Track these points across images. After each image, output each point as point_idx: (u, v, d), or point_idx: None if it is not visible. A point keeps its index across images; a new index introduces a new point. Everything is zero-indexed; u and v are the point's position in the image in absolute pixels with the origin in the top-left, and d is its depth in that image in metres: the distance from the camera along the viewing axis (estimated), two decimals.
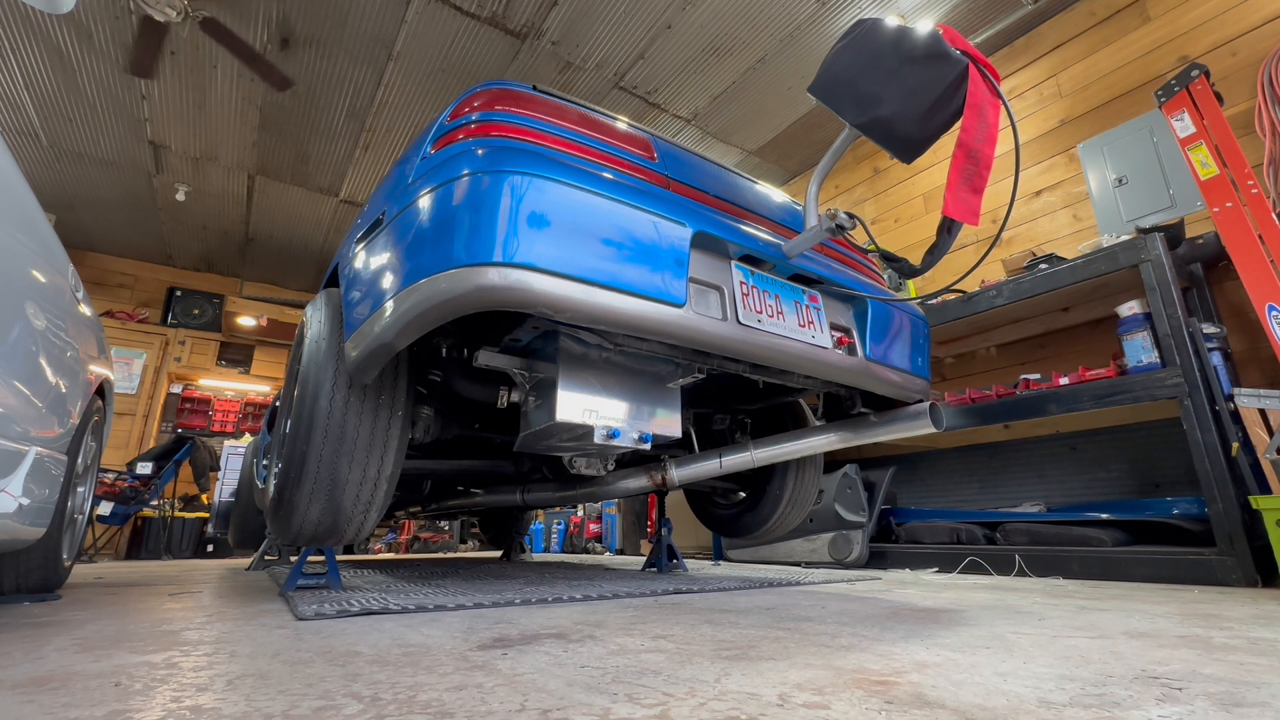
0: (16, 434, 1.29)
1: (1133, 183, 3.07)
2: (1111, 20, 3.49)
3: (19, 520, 1.37)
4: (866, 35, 1.30)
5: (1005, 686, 0.77)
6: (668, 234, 1.27)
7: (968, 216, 1.23)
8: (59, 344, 1.52)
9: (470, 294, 1.09)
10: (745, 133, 4.98)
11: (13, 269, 1.25)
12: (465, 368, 1.72)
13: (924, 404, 1.76)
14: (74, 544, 2.13)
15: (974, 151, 1.21)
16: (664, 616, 1.40)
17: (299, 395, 1.58)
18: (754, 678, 0.81)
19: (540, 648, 1.02)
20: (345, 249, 1.69)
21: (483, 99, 1.38)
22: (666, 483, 2.01)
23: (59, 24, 3.74)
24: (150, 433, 6.57)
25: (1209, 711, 0.66)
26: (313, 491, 1.51)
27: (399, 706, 0.68)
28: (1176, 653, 0.97)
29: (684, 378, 1.65)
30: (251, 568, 3.33)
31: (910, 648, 1.02)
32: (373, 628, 1.24)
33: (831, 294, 1.67)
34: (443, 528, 7.13)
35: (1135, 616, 1.38)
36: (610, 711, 0.66)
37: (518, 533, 4.51)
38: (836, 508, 3.27)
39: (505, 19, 3.82)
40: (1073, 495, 3.05)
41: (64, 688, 0.78)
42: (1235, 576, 2.06)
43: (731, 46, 4.08)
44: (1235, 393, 2.24)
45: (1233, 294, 2.69)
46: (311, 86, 4.35)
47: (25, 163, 5.07)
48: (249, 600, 1.78)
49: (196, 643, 1.09)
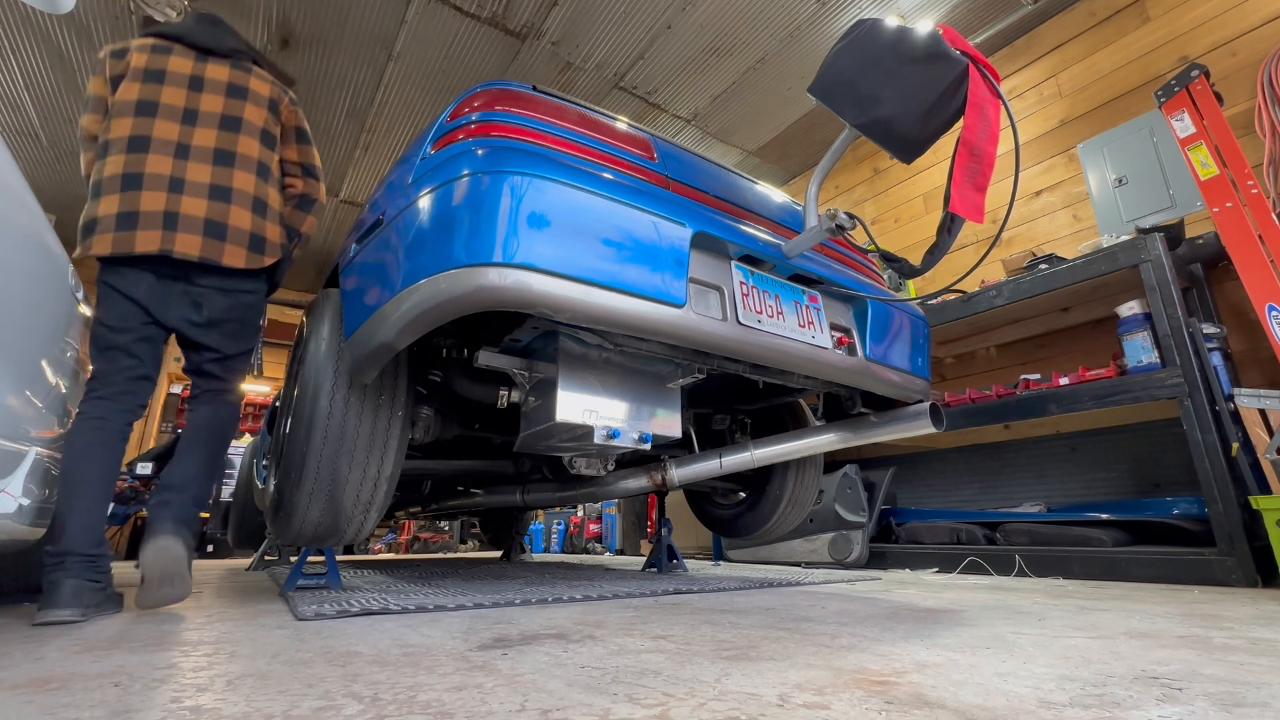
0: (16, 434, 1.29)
1: (1133, 183, 3.07)
2: (1111, 20, 3.49)
3: (19, 520, 1.37)
4: (866, 35, 1.30)
5: (1005, 687, 0.77)
6: (668, 234, 1.27)
7: (972, 214, 1.22)
8: (59, 344, 1.52)
9: (470, 294, 1.09)
10: (745, 133, 4.98)
11: (13, 269, 1.25)
12: (465, 368, 1.72)
13: (924, 404, 1.76)
14: None
15: (977, 149, 1.21)
16: (664, 617, 1.40)
17: (299, 395, 1.58)
18: (754, 678, 0.81)
19: (540, 648, 1.02)
20: (345, 249, 1.69)
21: (483, 99, 1.39)
22: (666, 483, 2.01)
23: (59, 24, 3.74)
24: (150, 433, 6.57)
25: (1209, 711, 0.66)
26: (313, 492, 1.51)
27: (399, 707, 0.68)
28: (1177, 653, 0.97)
29: (684, 378, 1.65)
30: (251, 568, 3.33)
31: (910, 648, 1.02)
32: (373, 628, 1.24)
33: (831, 294, 1.67)
34: (443, 528, 7.13)
35: (1135, 617, 1.39)
36: (610, 712, 0.66)
37: (518, 533, 4.51)
38: (836, 508, 3.27)
39: (505, 19, 3.82)
40: (1073, 495, 3.05)
41: (64, 688, 0.78)
42: (1235, 577, 2.06)
43: (731, 47, 4.08)
44: (1235, 393, 2.24)
45: (1233, 294, 2.69)
46: (311, 86, 4.34)
47: (25, 163, 5.07)
48: (249, 600, 1.78)
49: (196, 643, 1.09)
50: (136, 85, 1.70)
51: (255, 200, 1.73)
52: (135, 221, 1.57)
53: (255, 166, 1.76)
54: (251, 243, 1.69)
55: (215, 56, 1.83)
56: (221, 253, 1.63)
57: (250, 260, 1.69)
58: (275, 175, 1.85)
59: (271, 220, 1.78)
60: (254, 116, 1.80)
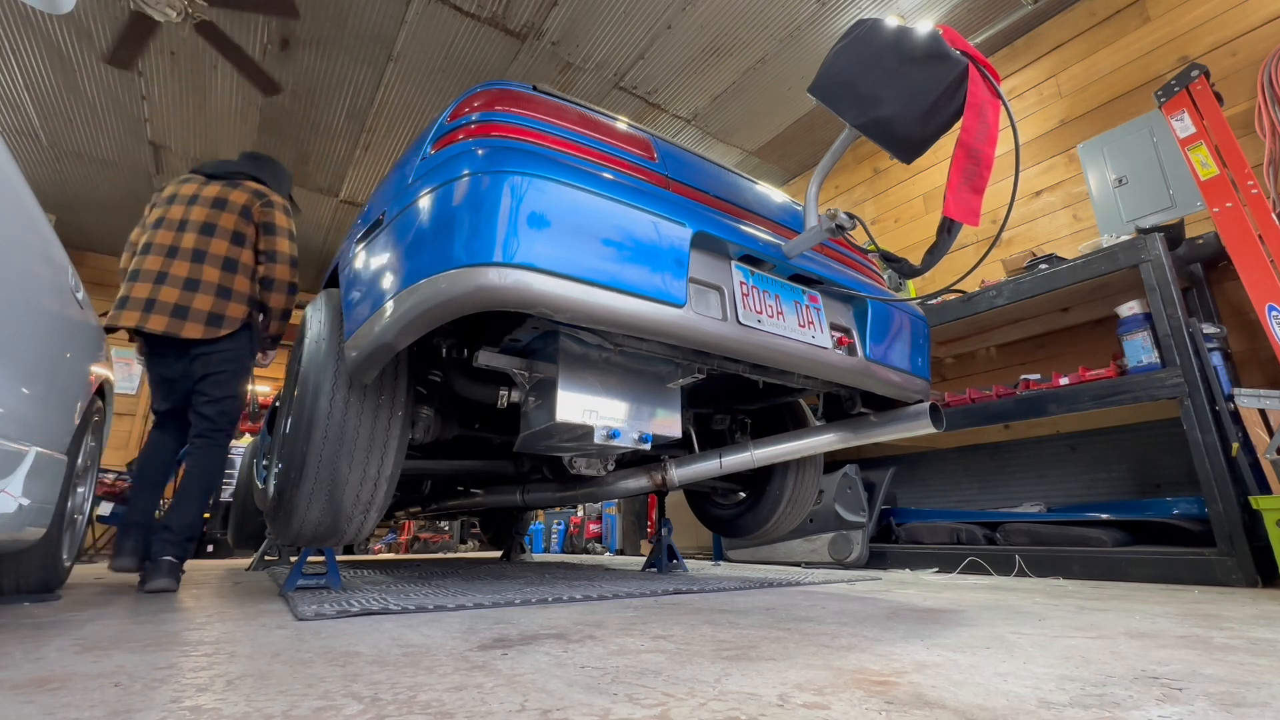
0: (16, 434, 1.29)
1: (1133, 183, 3.07)
2: (1111, 20, 3.49)
3: (19, 520, 1.37)
4: (866, 35, 1.30)
5: (1005, 687, 0.77)
6: (668, 234, 1.27)
7: (968, 217, 1.23)
8: (59, 344, 1.52)
9: (470, 294, 1.09)
10: (745, 133, 4.98)
11: (13, 269, 1.25)
12: (465, 368, 1.72)
13: (924, 404, 1.76)
14: (74, 544, 2.13)
15: (975, 151, 1.21)
16: (664, 617, 1.40)
17: (299, 395, 1.58)
18: (754, 678, 0.81)
19: (540, 648, 1.02)
20: (345, 249, 1.69)
21: (483, 99, 1.38)
22: (666, 483, 2.01)
23: (59, 24, 3.74)
24: None
25: (1209, 711, 0.66)
26: (313, 491, 1.51)
27: (399, 707, 0.68)
28: (1177, 653, 0.97)
29: (684, 378, 1.65)
30: (251, 568, 3.32)
31: (910, 648, 1.02)
32: (373, 628, 1.24)
33: (831, 294, 1.67)
34: (443, 528, 7.13)
35: (1135, 617, 1.39)
36: (610, 712, 0.66)
37: (518, 533, 4.51)
38: (836, 508, 3.27)
39: (505, 19, 3.82)
40: (1073, 495, 3.05)
41: (64, 688, 0.78)
42: (1235, 577, 2.06)
43: (731, 46, 4.08)
44: (1235, 393, 2.24)
45: (1233, 294, 2.69)
46: (311, 87, 4.35)
47: (25, 163, 5.07)
48: (249, 600, 1.78)
49: (196, 643, 1.09)
50: (159, 209, 2.36)
51: (219, 288, 2.24)
52: (126, 304, 2.16)
53: (222, 262, 2.27)
54: (209, 320, 2.20)
55: (216, 180, 2.41)
56: (182, 329, 2.15)
57: (207, 333, 2.18)
58: (245, 264, 2.33)
59: (236, 301, 2.27)
60: (227, 222, 2.31)
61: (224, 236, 2.29)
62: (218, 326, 2.20)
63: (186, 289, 2.18)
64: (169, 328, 2.13)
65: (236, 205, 2.34)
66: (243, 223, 2.34)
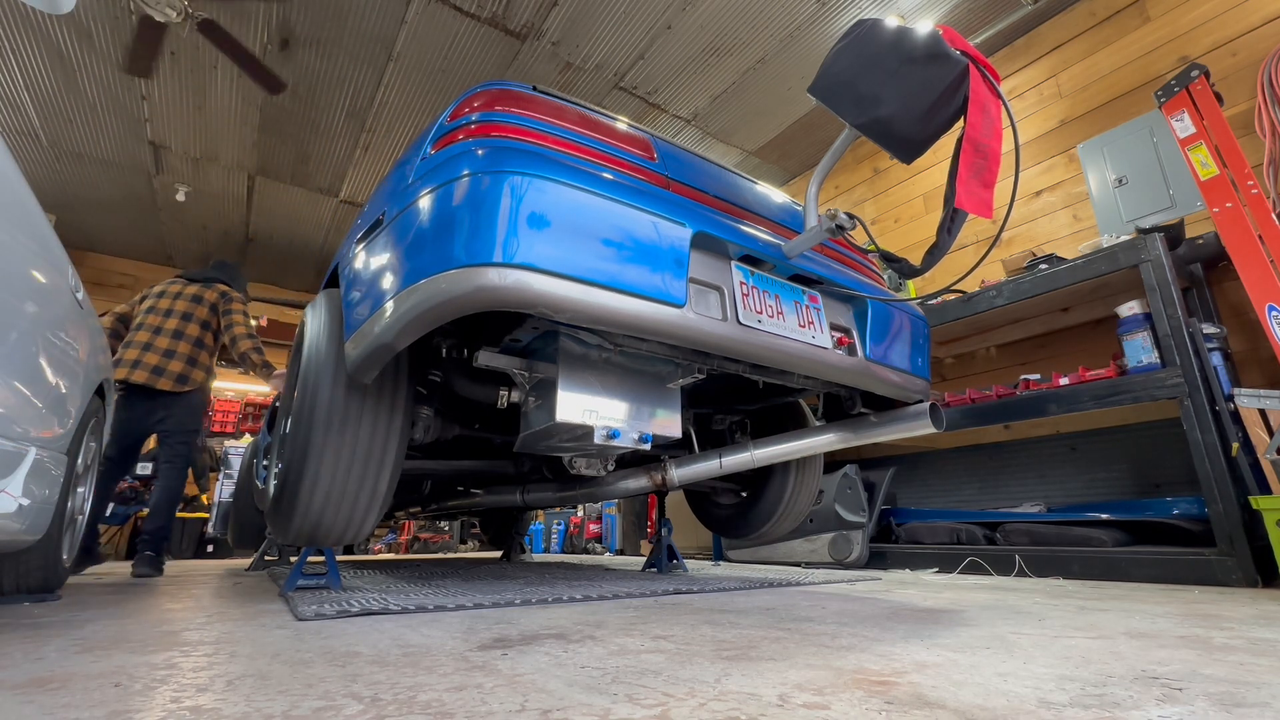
0: (16, 434, 1.29)
1: (1133, 183, 3.07)
2: (1111, 20, 3.49)
3: (19, 521, 1.37)
4: (866, 35, 1.30)
5: (1005, 687, 0.77)
6: (667, 234, 1.27)
7: (980, 209, 1.21)
8: (59, 344, 1.52)
9: (470, 294, 1.09)
10: (745, 133, 4.99)
11: (13, 269, 1.25)
12: (465, 368, 1.72)
13: (924, 404, 1.76)
14: (74, 544, 2.13)
15: (982, 146, 1.20)
16: (664, 617, 1.40)
17: (299, 395, 1.58)
18: (754, 678, 0.81)
19: (540, 648, 1.02)
20: (345, 249, 1.69)
21: (483, 99, 1.38)
22: (666, 483, 2.01)
23: (59, 24, 3.74)
24: None
25: (1209, 711, 0.66)
26: (312, 491, 1.51)
27: (399, 707, 0.68)
28: (1177, 653, 0.97)
29: (684, 378, 1.65)
30: (251, 568, 3.33)
31: (910, 648, 1.02)
32: (373, 628, 1.24)
33: (831, 294, 1.67)
34: (443, 528, 7.13)
35: (1135, 617, 1.39)
36: (610, 712, 0.66)
37: (518, 533, 4.51)
38: (836, 508, 3.27)
39: (505, 19, 3.82)
40: (1073, 495, 3.05)
41: (64, 688, 0.78)
42: (1235, 577, 2.06)
43: (731, 46, 4.08)
44: (1235, 393, 2.24)
45: (1233, 294, 2.69)
46: (311, 87, 4.35)
47: (25, 163, 5.07)
48: (249, 601, 1.78)
49: (196, 643, 1.09)
50: (150, 299, 3.29)
51: (187, 359, 3.16)
52: (120, 362, 3.02)
53: (194, 341, 3.21)
54: (177, 379, 3.10)
55: (195, 282, 3.39)
56: (157, 383, 3.04)
57: (175, 387, 3.09)
58: (208, 345, 3.30)
59: (198, 369, 3.21)
60: (199, 314, 3.28)
61: (196, 323, 3.25)
62: (183, 384, 3.13)
63: (164, 356, 3.08)
64: (148, 380, 3.01)
65: (208, 302, 3.32)
66: (211, 315, 3.32)
